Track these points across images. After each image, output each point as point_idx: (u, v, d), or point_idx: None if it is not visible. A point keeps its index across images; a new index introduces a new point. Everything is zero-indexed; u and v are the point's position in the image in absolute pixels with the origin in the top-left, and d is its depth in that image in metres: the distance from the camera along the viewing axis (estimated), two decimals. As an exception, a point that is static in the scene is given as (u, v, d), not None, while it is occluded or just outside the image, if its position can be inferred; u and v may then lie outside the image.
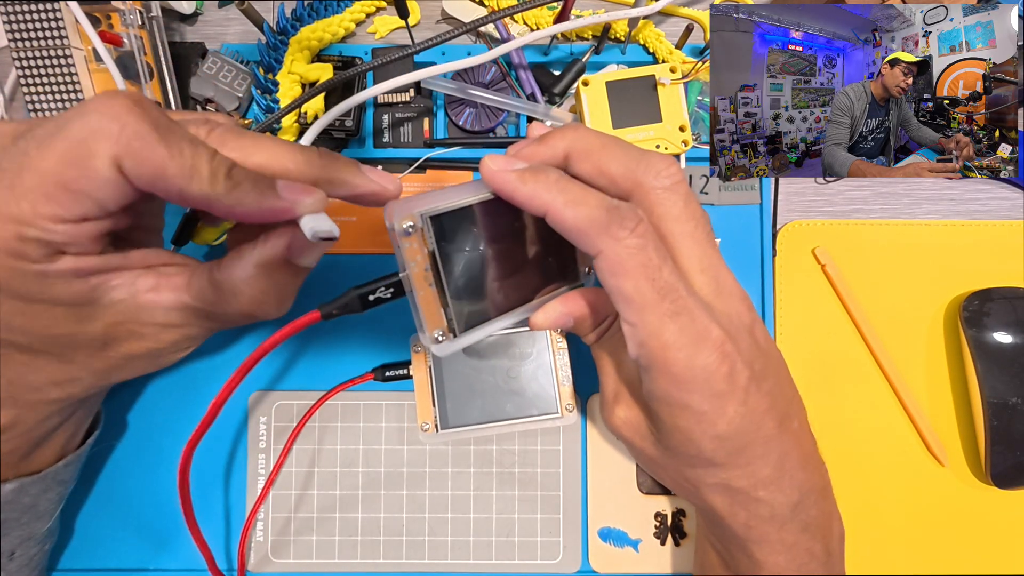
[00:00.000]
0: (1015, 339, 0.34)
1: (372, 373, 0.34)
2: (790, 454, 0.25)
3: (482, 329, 0.24)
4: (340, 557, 0.34)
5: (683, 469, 0.26)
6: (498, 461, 0.35)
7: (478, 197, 0.24)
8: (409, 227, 0.22)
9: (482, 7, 0.37)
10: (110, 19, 0.32)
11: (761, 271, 0.36)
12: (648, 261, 0.22)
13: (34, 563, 0.31)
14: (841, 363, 0.36)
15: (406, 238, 0.22)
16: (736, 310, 0.25)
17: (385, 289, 0.23)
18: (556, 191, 0.22)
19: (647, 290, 0.22)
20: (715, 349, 0.23)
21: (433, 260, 0.22)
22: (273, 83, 0.35)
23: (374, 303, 0.23)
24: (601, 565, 0.34)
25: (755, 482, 0.25)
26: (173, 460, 0.35)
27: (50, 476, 0.29)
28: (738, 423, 0.24)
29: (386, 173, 0.26)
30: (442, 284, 0.23)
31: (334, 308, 0.23)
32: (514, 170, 0.23)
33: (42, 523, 0.30)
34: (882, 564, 0.35)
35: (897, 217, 0.38)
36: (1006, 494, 0.35)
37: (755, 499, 0.25)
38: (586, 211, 0.22)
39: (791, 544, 0.25)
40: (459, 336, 0.24)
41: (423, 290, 0.23)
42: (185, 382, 0.35)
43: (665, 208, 0.24)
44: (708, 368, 0.23)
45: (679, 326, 0.22)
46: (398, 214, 0.22)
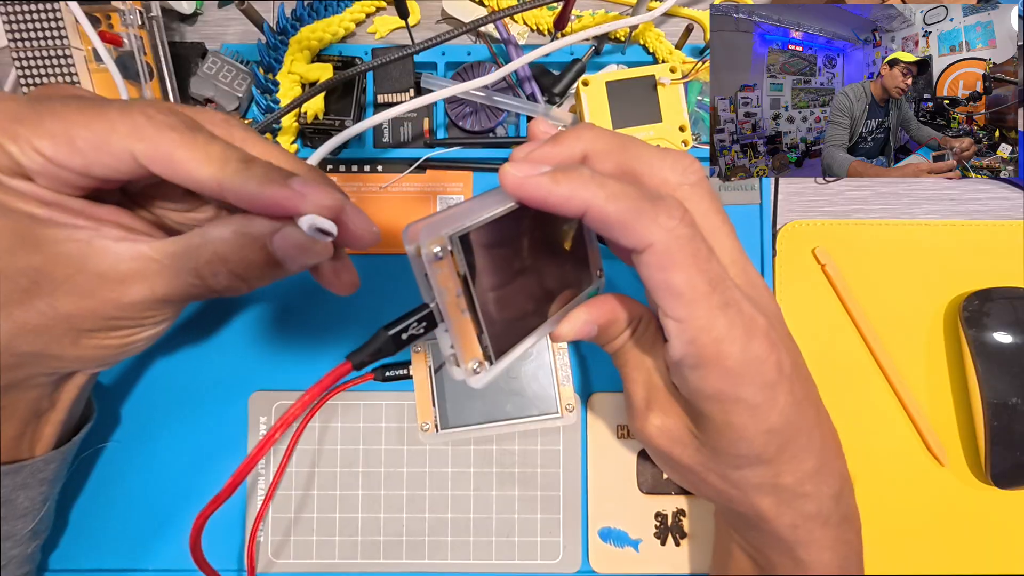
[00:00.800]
0: (1015, 339, 0.34)
1: (372, 373, 0.34)
2: (828, 442, 0.26)
3: (514, 351, 0.23)
4: (340, 557, 0.34)
5: (729, 473, 0.25)
6: (498, 461, 0.35)
7: (502, 208, 0.22)
8: (439, 252, 0.20)
9: (482, 7, 0.37)
10: (110, 19, 0.32)
11: (761, 271, 0.36)
12: (698, 251, 0.21)
13: (14, 564, 0.29)
14: (841, 363, 0.36)
15: (436, 263, 0.20)
16: (772, 303, 0.25)
17: (417, 324, 0.21)
18: (595, 187, 0.21)
19: (699, 282, 0.21)
20: (764, 338, 0.22)
21: (465, 284, 0.21)
22: (273, 83, 0.35)
23: (408, 341, 0.21)
24: (601, 565, 0.34)
25: (801, 476, 0.25)
26: (168, 458, 0.35)
27: (28, 470, 0.27)
28: (788, 413, 0.23)
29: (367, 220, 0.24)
30: (475, 310, 0.21)
31: (366, 356, 0.21)
32: (543, 173, 0.22)
33: (23, 523, 0.28)
34: (882, 564, 0.35)
35: (897, 217, 0.38)
36: (1006, 494, 0.35)
37: (802, 495, 0.25)
38: (630, 203, 0.21)
39: (834, 539, 0.26)
40: (495, 363, 0.22)
41: (457, 319, 0.21)
42: (184, 380, 0.35)
43: (693, 204, 0.23)
44: (760, 358, 0.22)
45: (729, 318, 0.22)
46: (426, 238, 0.19)
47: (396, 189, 0.36)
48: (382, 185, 0.36)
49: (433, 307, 0.21)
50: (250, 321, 0.35)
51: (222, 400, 0.35)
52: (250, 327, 0.35)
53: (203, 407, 0.35)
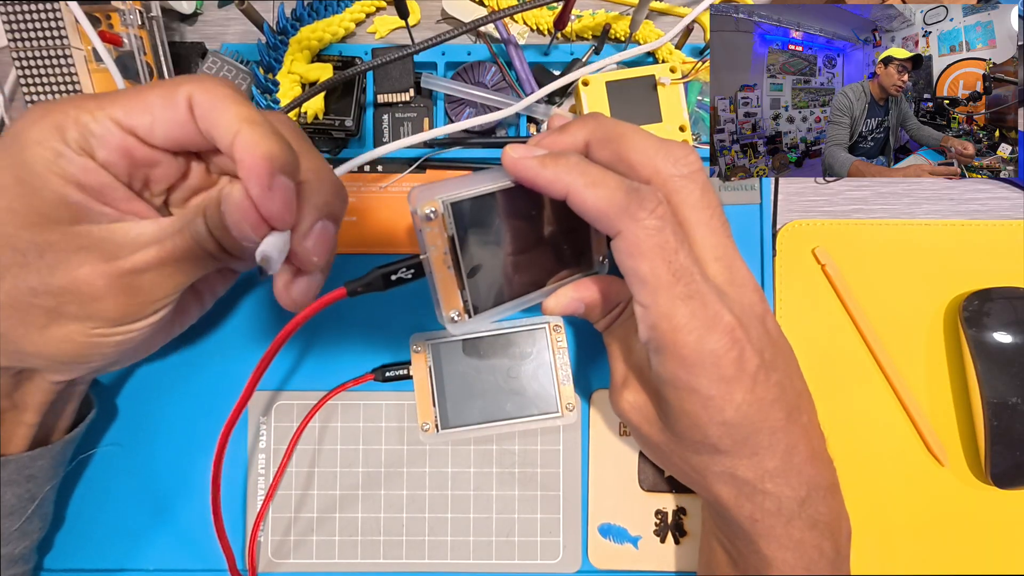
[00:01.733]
0: (1015, 339, 0.34)
1: (372, 373, 0.34)
2: (798, 447, 0.25)
3: (495, 311, 0.26)
4: (340, 557, 0.34)
5: (689, 456, 0.26)
6: (498, 461, 0.35)
7: (498, 185, 0.25)
8: (431, 212, 0.23)
9: (482, 7, 0.37)
10: (110, 19, 0.32)
11: (761, 271, 0.36)
12: (665, 243, 0.22)
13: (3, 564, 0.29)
14: (841, 363, 0.36)
15: (427, 223, 0.23)
16: (749, 300, 0.25)
17: (407, 270, 0.25)
18: (577, 173, 0.23)
19: (662, 271, 0.22)
20: (725, 334, 0.23)
21: (452, 244, 0.24)
22: (273, 83, 0.35)
23: (396, 283, 0.25)
24: (601, 561, 0.34)
25: (761, 473, 0.25)
26: (167, 457, 0.35)
27: (13, 464, 0.27)
28: (745, 410, 0.24)
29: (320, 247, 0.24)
30: (459, 267, 0.24)
31: (359, 285, 0.24)
32: (535, 156, 0.24)
33: (9, 522, 0.28)
34: (882, 564, 0.35)
35: (897, 217, 0.38)
36: (1006, 494, 0.35)
37: (761, 491, 0.25)
38: (607, 192, 0.23)
39: (799, 540, 0.25)
40: (473, 317, 0.25)
41: (441, 272, 0.24)
42: (184, 380, 0.35)
43: (682, 196, 0.24)
44: (717, 352, 0.23)
45: (691, 309, 0.23)
46: (420, 199, 0.23)
47: (396, 189, 0.36)
48: (382, 185, 0.36)
49: (423, 259, 0.24)
50: (250, 321, 0.35)
51: (222, 400, 0.35)
52: (250, 327, 0.35)
53: (203, 407, 0.35)
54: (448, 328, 0.25)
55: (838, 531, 0.26)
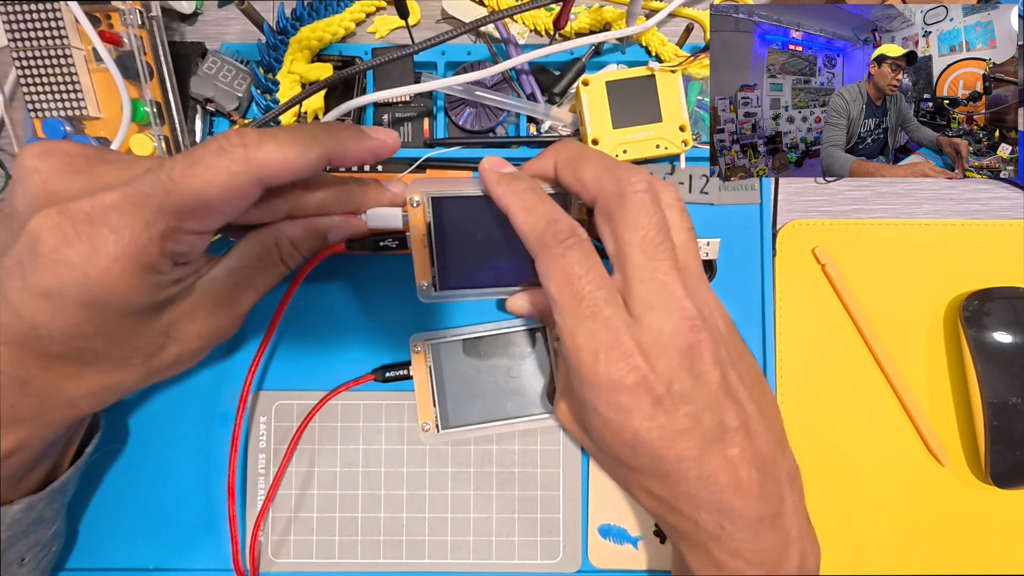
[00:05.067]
0: (1015, 339, 0.34)
1: (372, 374, 0.34)
2: (715, 478, 0.24)
3: (459, 292, 0.31)
4: (340, 557, 0.35)
5: (611, 465, 0.27)
6: (498, 461, 0.35)
7: (475, 191, 0.29)
8: (416, 201, 0.29)
9: (482, 7, 0.37)
10: (110, 19, 0.32)
11: (761, 271, 0.36)
12: (568, 269, 0.24)
13: (43, 566, 0.30)
14: (841, 363, 0.36)
15: (412, 208, 0.29)
16: (672, 328, 0.23)
17: (392, 240, 0.31)
18: (516, 197, 0.26)
19: (565, 294, 0.24)
20: (623, 360, 0.23)
21: (428, 230, 0.29)
22: (273, 83, 0.35)
23: (383, 248, 0.31)
24: (600, 561, 0.34)
25: (676, 493, 0.24)
26: (167, 458, 0.35)
27: (56, 489, 0.28)
28: (644, 437, 0.23)
29: (384, 129, 0.28)
30: (431, 249, 0.29)
31: (355, 244, 0.30)
32: (497, 172, 0.27)
33: (46, 528, 0.30)
34: (882, 564, 0.35)
35: (897, 217, 0.38)
36: (1006, 494, 0.35)
37: (676, 510, 0.25)
38: (532, 219, 0.25)
39: (718, 564, 0.25)
40: (438, 291, 0.30)
41: (418, 250, 0.29)
42: (184, 380, 0.35)
43: (620, 215, 0.25)
44: (611, 378, 0.23)
45: (589, 330, 0.23)
46: (410, 190, 0.29)
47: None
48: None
49: (408, 236, 0.30)
50: (250, 320, 0.35)
51: (222, 400, 0.35)
52: (250, 327, 0.35)
53: (203, 407, 0.35)
54: (418, 295, 0.30)
55: (780, 565, 0.25)
